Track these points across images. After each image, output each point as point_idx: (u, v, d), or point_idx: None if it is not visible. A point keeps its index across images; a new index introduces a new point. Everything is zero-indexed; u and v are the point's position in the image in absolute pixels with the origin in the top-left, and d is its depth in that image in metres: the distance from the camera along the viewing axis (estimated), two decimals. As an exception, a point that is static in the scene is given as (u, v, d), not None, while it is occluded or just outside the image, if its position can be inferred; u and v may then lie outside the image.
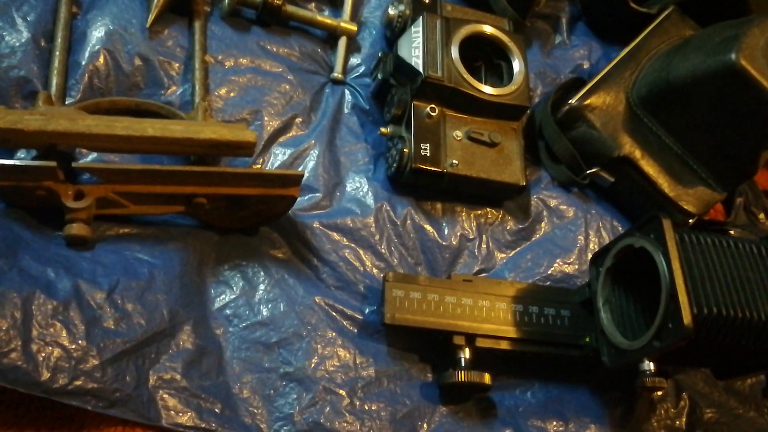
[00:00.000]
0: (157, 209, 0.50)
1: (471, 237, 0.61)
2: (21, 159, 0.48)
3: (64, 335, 0.42)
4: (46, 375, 0.41)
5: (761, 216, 0.73)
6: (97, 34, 0.54)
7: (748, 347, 0.48)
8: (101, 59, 0.54)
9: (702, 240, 0.49)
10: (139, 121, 0.47)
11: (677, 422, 0.58)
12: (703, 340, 0.47)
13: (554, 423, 0.55)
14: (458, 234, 0.61)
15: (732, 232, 0.68)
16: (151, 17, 0.56)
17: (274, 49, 0.63)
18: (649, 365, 0.48)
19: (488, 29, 0.64)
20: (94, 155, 0.51)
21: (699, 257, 0.48)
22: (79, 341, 0.42)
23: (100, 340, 0.43)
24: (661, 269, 0.47)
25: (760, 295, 0.48)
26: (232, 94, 0.59)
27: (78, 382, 0.41)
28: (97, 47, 0.54)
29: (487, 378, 0.52)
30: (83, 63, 0.53)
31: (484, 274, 0.60)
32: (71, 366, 0.41)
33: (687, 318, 0.45)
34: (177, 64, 0.57)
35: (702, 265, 0.48)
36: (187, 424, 0.44)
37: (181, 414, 0.45)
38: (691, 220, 0.66)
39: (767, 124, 0.60)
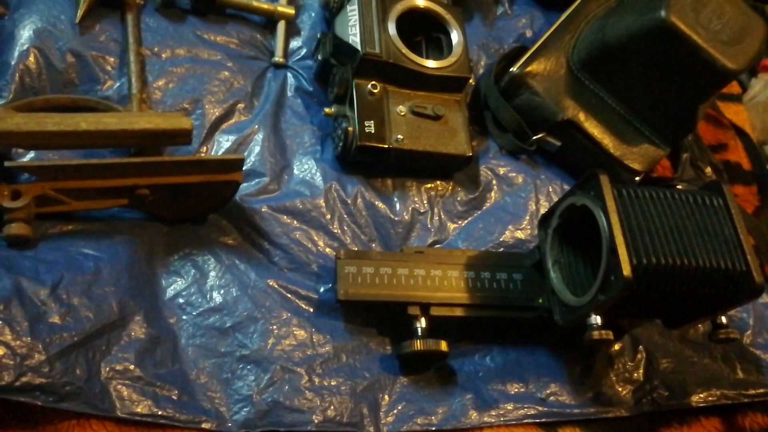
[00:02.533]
0: (99, 204, 0.49)
1: (423, 210, 0.62)
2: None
3: (7, 332, 0.42)
4: (-11, 373, 0.41)
5: (708, 170, 0.75)
6: (25, 32, 0.54)
7: (690, 294, 0.49)
8: (31, 58, 0.53)
9: (640, 193, 0.50)
10: (71, 116, 0.47)
11: (635, 374, 0.59)
12: (645, 290, 0.48)
13: (515, 385, 0.56)
14: (410, 208, 0.61)
15: (679, 186, 0.69)
16: (80, 12, 0.56)
17: (212, 38, 0.63)
18: (596, 319, 0.49)
19: (421, 3, 0.64)
20: (32, 154, 0.51)
21: (637, 210, 0.49)
22: (23, 338, 0.42)
23: (45, 336, 0.43)
24: (600, 224, 0.48)
25: (697, 242, 0.49)
26: (170, 85, 0.58)
27: (24, 379, 0.41)
28: (26, 46, 0.53)
29: (443, 345, 0.52)
30: (13, 63, 0.53)
31: (437, 246, 0.61)
32: (16, 363, 0.41)
33: (626, 270, 0.46)
34: (112, 59, 0.57)
35: (640, 218, 0.49)
36: (143, 413, 0.45)
37: (136, 403, 0.45)
38: (637, 178, 0.68)
39: (700, 79, 0.61)
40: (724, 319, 0.54)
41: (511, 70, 0.67)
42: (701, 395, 0.59)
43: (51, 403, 0.42)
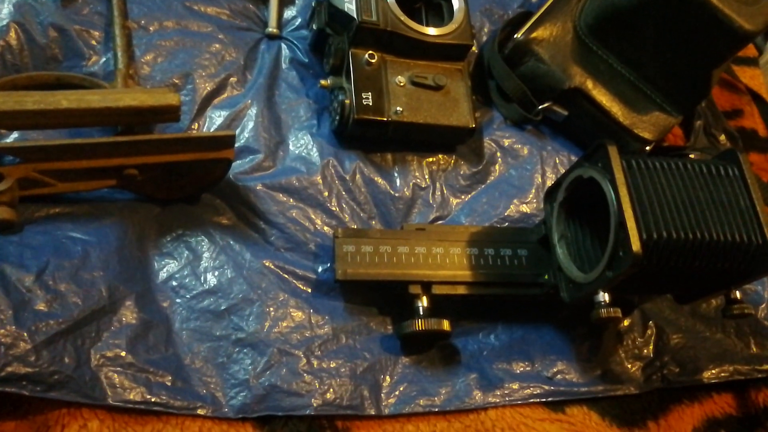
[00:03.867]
0: (87, 185, 0.48)
1: (424, 185, 0.60)
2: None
3: (-10, 322, 0.41)
4: (-27, 364, 0.40)
5: (722, 138, 0.72)
6: (4, 7, 0.52)
7: (702, 269, 0.47)
8: (12, 34, 0.51)
9: (650, 164, 0.48)
10: (52, 93, 0.45)
11: (645, 350, 0.58)
12: (655, 265, 0.46)
13: (520, 364, 0.54)
14: (411, 183, 0.59)
15: (692, 155, 0.67)
16: (62, -16, 0.54)
17: (202, 9, 0.60)
18: (604, 296, 0.47)
19: (421, -33, 0.62)
20: (16, 134, 0.49)
21: (647, 182, 0.47)
22: (8, 326, 0.41)
23: (31, 324, 0.41)
24: (609, 197, 0.46)
25: (710, 215, 0.47)
26: (159, 60, 0.56)
27: (10, 368, 0.40)
28: (6, 21, 0.51)
29: (445, 324, 0.51)
30: (-8, 39, 0.51)
31: (440, 222, 0.59)
32: (1, 353, 0.40)
33: (636, 245, 0.44)
34: (97, 33, 0.55)
35: (651, 190, 0.47)
36: (136, 400, 0.43)
37: (128, 390, 0.43)
38: (648, 147, 0.65)
39: (715, 41, 0.58)
40: (738, 294, 0.52)
41: (515, 36, 0.64)
42: (713, 371, 0.57)
43: (39, 392, 0.41)
